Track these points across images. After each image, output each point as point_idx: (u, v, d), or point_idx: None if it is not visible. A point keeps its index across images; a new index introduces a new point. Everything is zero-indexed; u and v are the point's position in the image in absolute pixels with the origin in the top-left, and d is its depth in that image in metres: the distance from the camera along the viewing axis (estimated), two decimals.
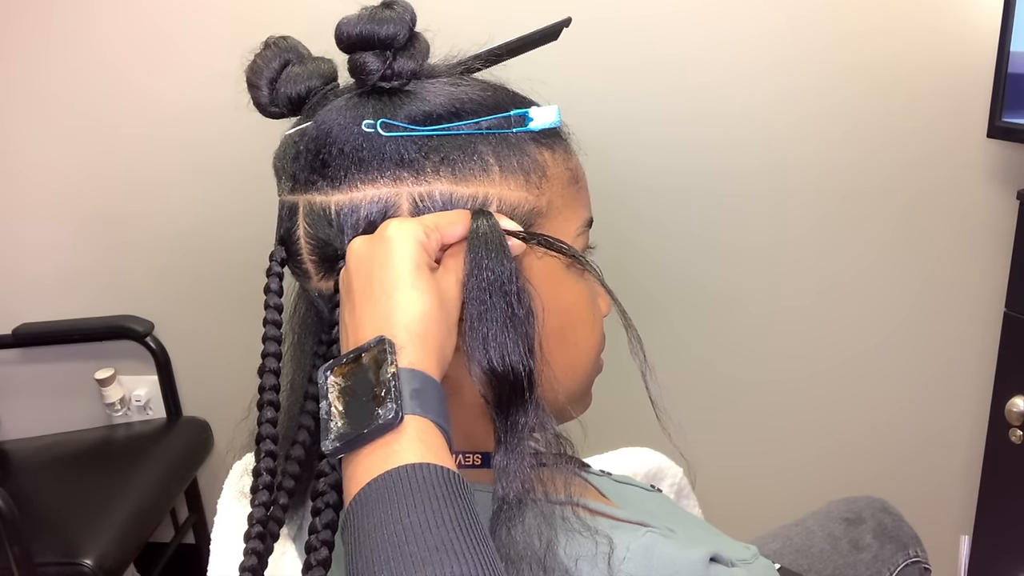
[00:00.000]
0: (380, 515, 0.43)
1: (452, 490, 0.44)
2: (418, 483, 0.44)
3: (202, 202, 1.68)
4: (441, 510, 0.43)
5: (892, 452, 1.62)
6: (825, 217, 1.51)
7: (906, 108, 1.42)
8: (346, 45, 0.56)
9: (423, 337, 0.48)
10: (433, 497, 0.43)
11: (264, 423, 0.56)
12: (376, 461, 0.45)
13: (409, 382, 0.47)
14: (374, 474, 0.45)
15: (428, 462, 0.45)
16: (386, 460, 0.45)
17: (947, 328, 1.53)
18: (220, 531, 0.76)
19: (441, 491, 0.44)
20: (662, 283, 1.60)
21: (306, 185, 0.56)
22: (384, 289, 0.49)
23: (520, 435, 0.52)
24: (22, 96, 1.67)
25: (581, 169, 0.62)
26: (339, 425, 0.47)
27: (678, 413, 1.80)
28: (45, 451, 1.72)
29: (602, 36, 1.46)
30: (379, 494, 0.44)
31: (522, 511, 0.51)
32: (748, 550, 0.68)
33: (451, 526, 0.43)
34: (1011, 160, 1.40)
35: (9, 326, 1.75)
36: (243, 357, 0.81)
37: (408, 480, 0.44)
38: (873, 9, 1.39)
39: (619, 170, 1.51)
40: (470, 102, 0.56)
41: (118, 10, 1.59)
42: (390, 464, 0.45)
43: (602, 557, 0.53)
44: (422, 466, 0.44)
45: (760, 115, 1.47)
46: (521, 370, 0.52)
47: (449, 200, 0.54)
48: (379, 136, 0.54)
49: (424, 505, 0.43)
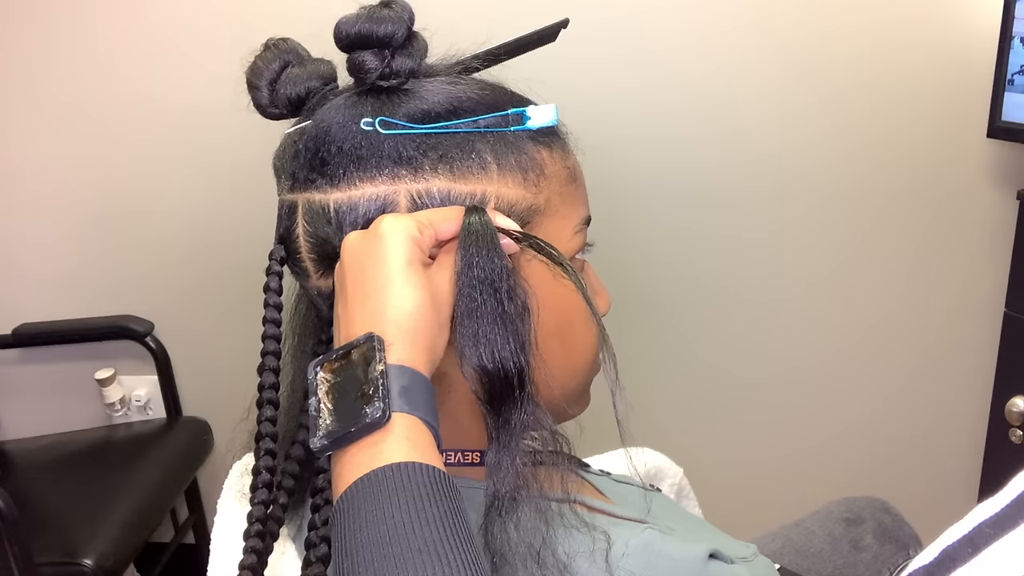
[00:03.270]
0: (365, 514, 0.43)
1: (437, 489, 0.44)
2: (403, 482, 0.44)
3: (202, 202, 1.68)
4: (426, 510, 0.43)
5: (892, 452, 1.62)
6: (824, 217, 1.51)
7: (906, 108, 1.42)
8: (345, 44, 0.56)
9: (413, 333, 0.49)
10: (418, 497, 0.44)
11: (264, 422, 0.56)
12: (363, 460, 0.45)
13: (397, 379, 0.47)
14: (360, 473, 0.45)
15: (414, 461, 0.45)
16: (372, 459, 0.45)
17: (947, 328, 1.53)
18: (220, 531, 0.75)
19: (426, 491, 0.44)
20: (660, 280, 1.60)
21: (305, 183, 0.56)
22: (375, 285, 0.49)
23: (512, 432, 0.52)
24: (22, 96, 1.67)
25: (579, 167, 0.62)
26: (327, 422, 0.47)
27: (678, 410, 1.80)
28: (45, 451, 1.72)
29: (598, 36, 1.46)
30: (365, 493, 0.44)
31: (516, 507, 0.51)
32: (748, 548, 0.68)
33: (435, 527, 0.43)
34: (1011, 160, 1.40)
35: (9, 326, 1.75)
36: (243, 357, 0.81)
37: (393, 479, 0.44)
38: (873, 7, 1.39)
39: (615, 168, 1.51)
40: (468, 101, 0.56)
41: (118, 11, 1.59)
42: (376, 463, 0.45)
43: (600, 553, 0.53)
44: (408, 465, 0.45)
45: (759, 114, 1.47)
46: (511, 367, 0.52)
47: (447, 197, 0.54)
48: (378, 134, 0.54)
49: (409, 505, 0.43)
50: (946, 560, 0.36)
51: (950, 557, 0.36)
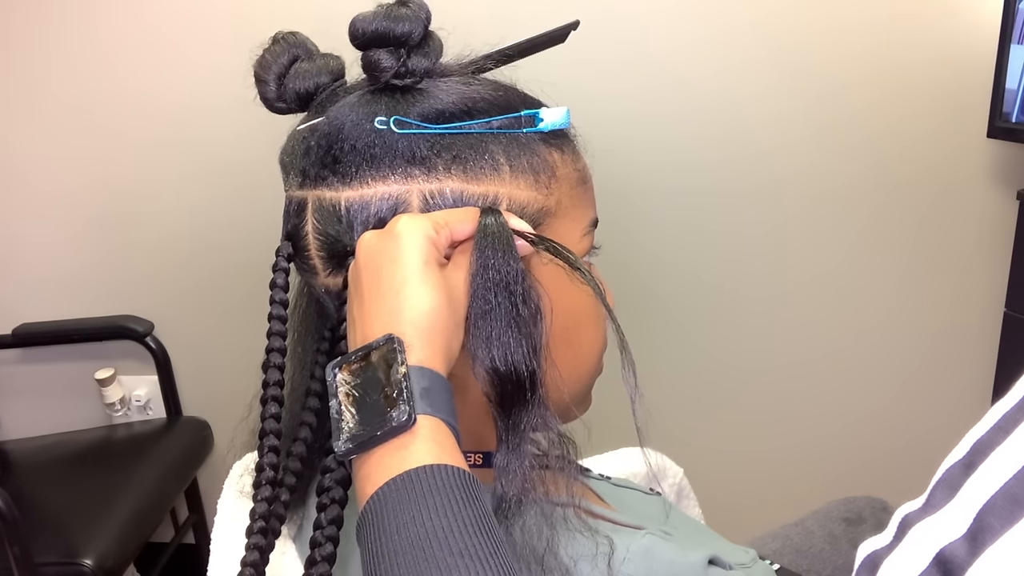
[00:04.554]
0: (401, 517, 0.43)
1: (468, 492, 0.44)
2: (436, 485, 0.44)
3: (202, 202, 1.68)
4: (461, 513, 0.43)
5: (892, 452, 1.62)
6: (825, 216, 1.51)
7: (906, 108, 1.43)
8: (360, 42, 0.56)
9: (430, 334, 0.48)
10: (453, 500, 0.44)
11: (268, 418, 0.56)
12: (391, 463, 0.45)
13: (419, 381, 0.47)
14: (390, 475, 0.45)
15: (443, 463, 0.45)
16: (402, 462, 0.45)
17: (947, 328, 1.53)
18: (220, 531, 0.75)
19: (459, 493, 0.44)
20: (662, 278, 1.60)
21: (316, 181, 0.56)
22: (392, 285, 0.49)
23: (522, 435, 0.52)
24: (23, 96, 1.67)
25: (588, 170, 0.62)
26: (351, 426, 0.47)
27: (679, 410, 1.80)
28: (45, 451, 1.72)
29: (599, 37, 1.46)
30: (398, 496, 0.44)
31: (521, 511, 0.51)
32: (747, 554, 0.68)
33: (472, 530, 0.43)
34: (1011, 160, 1.41)
35: (9, 326, 1.75)
36: (243, 357, 0.81)
37: (426, 482, 0.44)
38: (874, 7, 1.39)
39: (622, 169, 1.51)
40: (482, 101, 0.56)
41: (119, 10, 1.59)
42: (406, 465, 0.45)
43: (602, 558, 0.53)
44: (438, 467, 0.44)
45: (759, 112, 1.47)
46: (524, 370, 0.52)
47: (460, 198, 0.54)
48: (391, 133, 0.54)
49: (445, 508, 0.43)
50: (980, 448, 0.38)
51: (984, 444, 0.38)
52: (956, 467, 0.39)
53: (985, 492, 0.37)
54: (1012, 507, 0.36)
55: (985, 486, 0.37)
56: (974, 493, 0.37)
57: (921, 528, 0.39)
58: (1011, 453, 0.37)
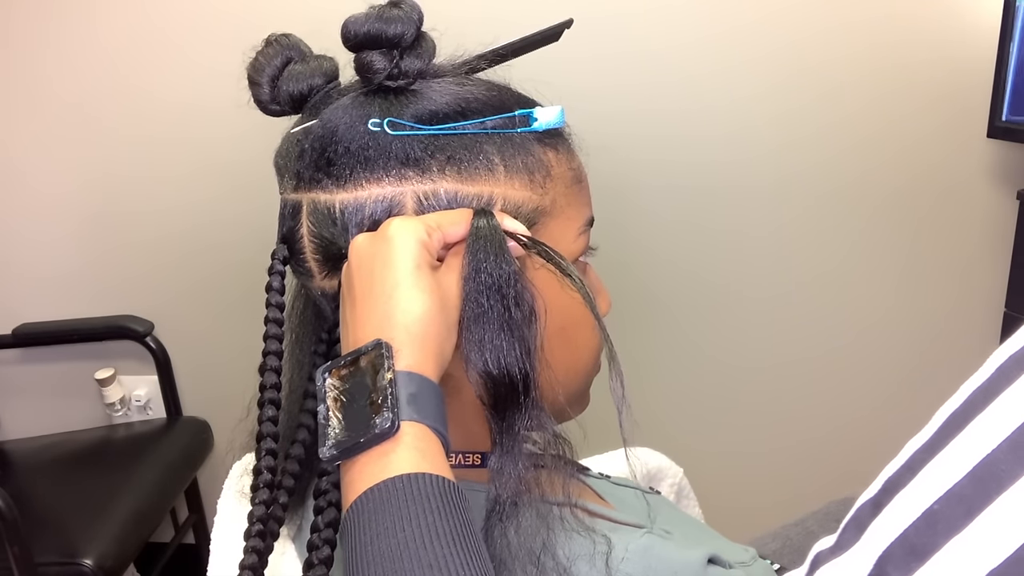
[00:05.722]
0: (376, 527, 0.43)
1: (447, 501, 0.44)
2: (413, 495, 0.44)
3: (202, 202, 1.68)
4: (435, 523, 0.43)
5: (892, 452, 1.62)
6: (824, 216, 1.51)
7: (906, 108, 1.42)
8: (353, 44, 0.56)
9: (422, 338, 0.48)
10: (428, 510, 0.43)
11: (265, 421, 0.56)
12: (373, 470, 0.45)
13: (406, 386, 0.46)
14: (370, 483, 0.45)
15: (423, 472, 0.45)
16: (383, 470, 0.45)
17: (947, 328, 1.53)
18: (220, 531, 0.75)
19: (436, 503, 0.44)
20: (660, 277, 1.60)
21: (310, 183, 0.56)
22: (384, 288, 0.49)
23: (516, 437, 0.52)
24: (23, 96, 1.67)
25: (583, 169, 0.62)
26: (336, 432, 0.47)
27: (678, 409, 1.80)
28: (45, 451, 1.72)
29: (599, 35, 1.46)
30: (374, 505, 0.44)
31: (517, 512, 0.51)
32: (747, 552, 0.68)
33: (445, 540, 0.43)
34: (1011, 160, 1.41)
35: (9, 326, 1.75)
36: (243, 357, 0.81)
37: (403, 491, 0.44)
38: (874, 7, 1.39)
39: (620, 168, 1.51)
40: (476, 102, 0.56)
41: (118, 10, 1.59)
42: (386, 474, 0.45)
43: (600, 557, 0.53)
44: (417, 476, 0.44)
45: (759, 112, 1.47)
46: (517, 373, 0.51)
47: (454, 199, 0.54)
48: (385, 135, 0.54)
49: (419, 519, 0.43)
50: (889, 487, 0.38)
51: (892, 484, 0.38)
52: (866, 506, 0.39)
53: (886, 538, 0.36)
54: (908, 558, 0.35)
55: (887, 531, 0.37)
56: (876, 537, 0.37)
57: (828, 571, 0.39)
58: (914, 496, 0.37)
